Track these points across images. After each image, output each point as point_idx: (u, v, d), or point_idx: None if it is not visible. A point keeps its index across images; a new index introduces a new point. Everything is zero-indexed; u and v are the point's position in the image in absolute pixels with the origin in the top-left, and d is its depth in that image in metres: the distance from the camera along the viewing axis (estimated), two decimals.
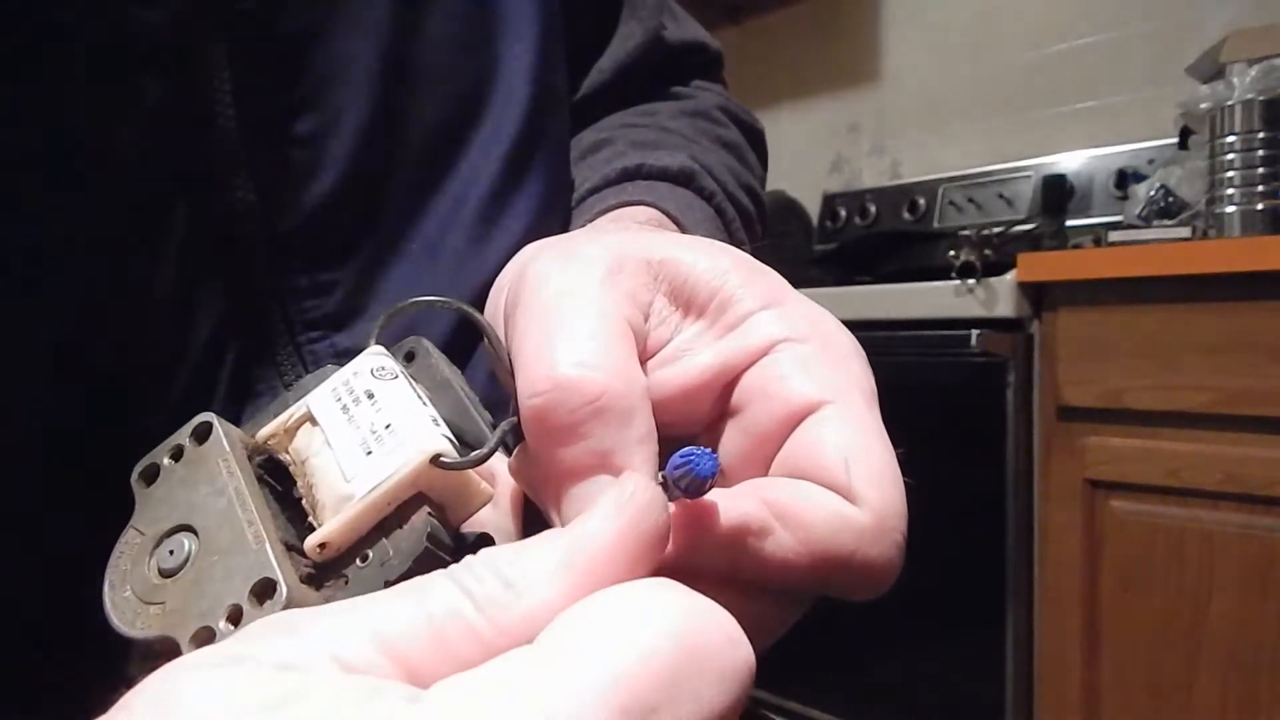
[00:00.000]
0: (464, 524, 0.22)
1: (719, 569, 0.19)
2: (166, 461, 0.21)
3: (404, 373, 0.23)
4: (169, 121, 0.30)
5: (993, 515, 1.24)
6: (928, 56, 1.99)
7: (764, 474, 0.21)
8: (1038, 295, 1.21)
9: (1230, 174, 1.19)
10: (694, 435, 0.23)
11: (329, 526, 0.19)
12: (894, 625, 1.35)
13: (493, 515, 0.25)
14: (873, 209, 2.00)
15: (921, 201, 1.90)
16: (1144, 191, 1.35)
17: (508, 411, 0.22)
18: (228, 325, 0.32)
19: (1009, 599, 1.24)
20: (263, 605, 0.18)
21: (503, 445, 0.21)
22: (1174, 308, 1.09)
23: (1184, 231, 1.24)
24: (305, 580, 0.19)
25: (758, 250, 0.41)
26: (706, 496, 0.18)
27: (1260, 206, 1.17)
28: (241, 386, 0.32)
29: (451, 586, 0.15)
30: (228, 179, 0.31)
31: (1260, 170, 1.17)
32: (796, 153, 2.21)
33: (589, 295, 0.21)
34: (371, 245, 0.35)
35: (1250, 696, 1.06)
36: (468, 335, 0.37)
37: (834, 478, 0.19)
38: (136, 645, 0.18)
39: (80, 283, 0.29)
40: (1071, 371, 1.18)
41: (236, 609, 0.18)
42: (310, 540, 0.19)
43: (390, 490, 0.19)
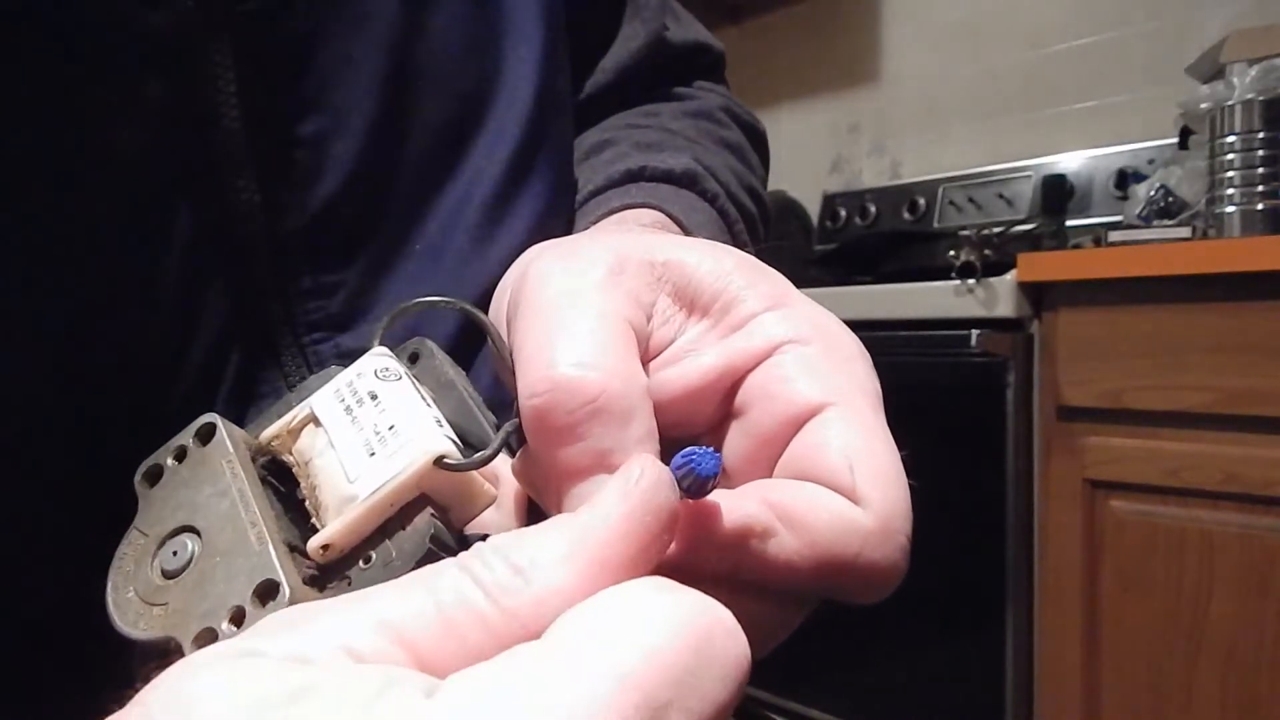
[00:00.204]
0: (467, 526, 0.22)
1: (722, 570, 0.19)
2: (170, 462, 0.21)
3: (408, 374, 0.23)
4: (173, 122, 0.30)
5: (993, 515, 1.24)
6: (928, 56, 1.99)
7: (768, 476, 0.21)
8: (1038, 295, 1.21)
9: (1230, 174, 1.19)
10: (697, 436, 0.23)
11: (332, 528, 0.19)
12: (894, 625, 1.35)
13: (496, 517, 0.25)
14: (873, 209, 2.00)
15: (921, 201, 1.90)
16: (1144, 191, 1.35)
17: (512, 413, 0.22)
18: (231, 326, 0.32)
19: (1009, 599, 1.24)
20: (265, 606, 0.18)
21: (506, 447, 0.21)
22: (1174, 308, 1.09)
23: (1184, 231, 1.24)
24: (308, 582, 0.19)
25: (759, 251, 0.40)
26: (709, 497, 0.18)
27: (1260, 206, 1.17)
28: (245, 388, 0.32)
29: (461, 574, 0.15)
30: (232, 180, 0.31)
31: (1260, 170, 1.17)
32: (796, 153, 2.21)
33: (589, 295, 0.21)
34: (375, 246, 0.35)
35: (1250, 696, 1.06)
36: (472, 337, 0.37)
37: (838, 479, 0.19)
38: (139, 646, 0.18)
39: (83, 283, 0.29)
40: (1071, 371, 1.18)
41: (239, 610, 0.18)
42: (313, 542, 0.19)
43: (393, 492, 0.19)
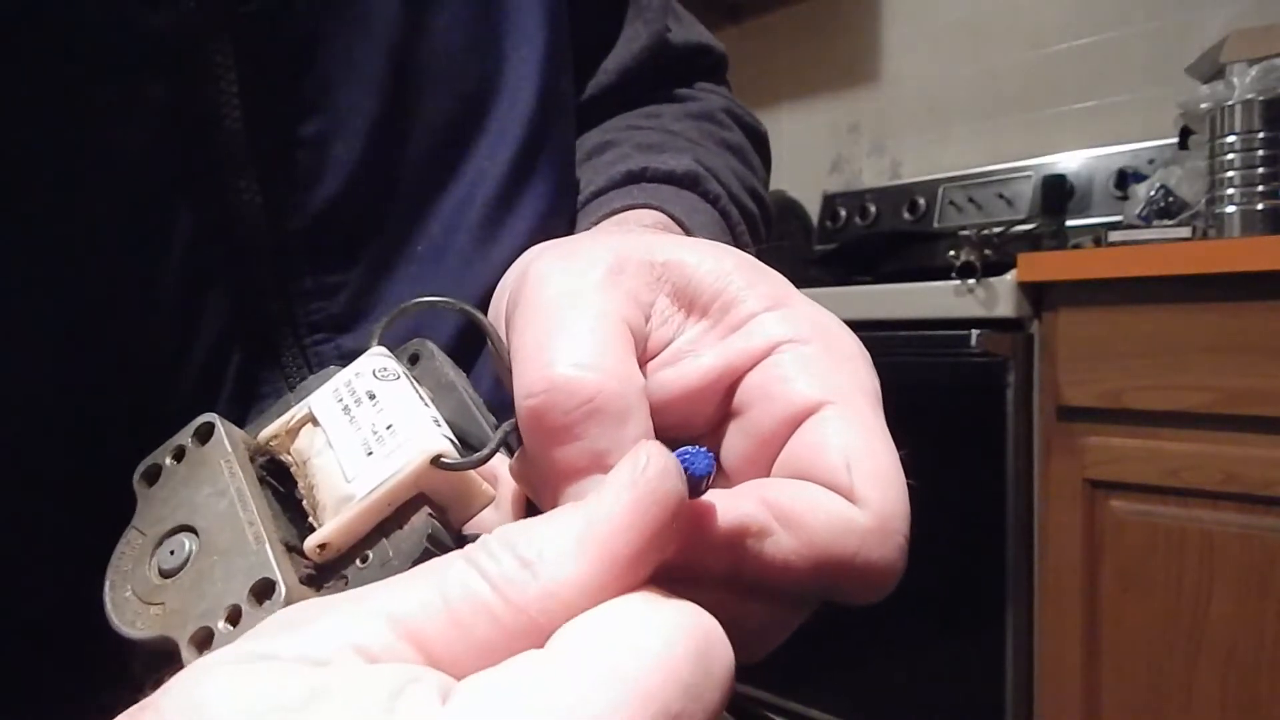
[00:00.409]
0: (466, 525, 0.22)
1: (719, 571, 0.19)
2: (168, 462, 0.21)
3: (406, 374, 0.23)
4: (174, 122, 0.30)
5: (993, 515, 1.24)
6: (928, 56, 1.99)
7: (767, 475, 0.21)
8: (1038, 295, 1.21)
9: (1230, 174, 1.19)
10: (697, 437, 0.23)
11: (329, 527, 0.19)
12: (894, 625, 1.35)
13: (495, 517, 0.25)
14: (873, 209, 2.00)
15: (921, 201, 1.90)
16: (1144, 191, 1.35)
17: (512, 414, 0.22)
18: (233, 327, 0.32)
19: (1009, 599, 1.24)
20: (262, 605, 0.18)
21: (505, 446, 0.21)
22: (1174, 308, 1.09)
23: (1184, 231, 1.24)
24: (305, 581, 0.19)
25: (759, 252, 0.41)
26: (705, 497, 0.18)
27: (1260, 206, 1.17)
28: (247, 388, 0.32)
29: (467, 567, 0.15)
30: (233, 180, 0.31)
31: (1260, 170, 1.17)
32: (796, 153, 2.21)
33: (588, 295, 0.21)
34: (377, 247, 0.35)
35: (1250, 696, 1.06)
36: (473, 338, 0.37)
37: (836, 479, 0.19)
38: (138, 646, 0.18)
39: (83, 283, 0.29)
40: (1071, 371, 1.18)
41: (236, 609, 0.18)
42: (310, 541, 0.19)
43: (390, 491, 0.19)
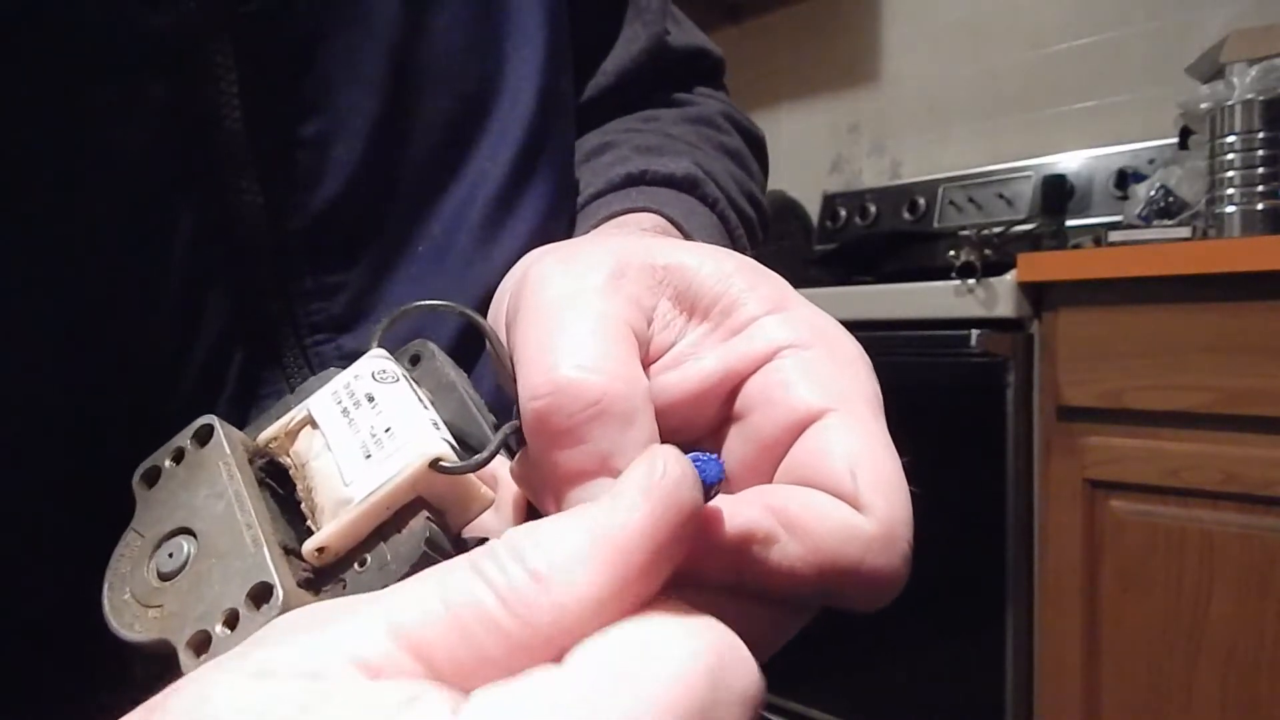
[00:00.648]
0: (465, 529, 0.22)
1: (723, 577, 0.19)
2: (168, 464, 0.21)
3: (406, 376, 0.23)
4: (174, 122, 0.30)
5: (993, 515, 1.24)
6: (928, 56, 1.99)
7: (768, 481, 0.21)
8: (1038, 295, 1.21)
9: (1230, 174, 1.19)
10: (697, 441, 0.23)
11: (327, 530, 0.19)
12: (894, 625, 1.35)
13: (495, 520, 0.25)
14: (873, 209, 2.00)
15: (921, 201, 1.90)
16: (1144, 191, 1.35)
17: (513, 415, 0.22)
18: (233, 327, 0.32)
19: (1009, 599, 1.24)
20: (259, 610, 0.18)
21: (505, 449, 0.21)
22: (1174, 308, 1.09)
23: (1184, 231, 1.24)
24: (303, 584, 0.19)
25: (757, 255, 0.40)
26: (711, 503, 0.18)
27: (1260, 206, 1.17)
28: (247, 388, 0.32)
29: (474, 577, 0.14)
30: (233, 180, 0.31)
31: (1260, 170, 1.17)
32: (796, 153, 2.20)
33: (590, 299, 0.21)
34: (378, 248, 0.35)
35: (1250, 696, 1.06)
36: (474, 339, 0.36)
37: (841, 486, 0.19)
38: (136, 649, 0.18)
39: (84, 283, 0.29)
40: (1071, 371, 1.18)
41: (233, 613, 0.18)
42: (308, 544, 0.19)
43: (388, 494, 0.19)
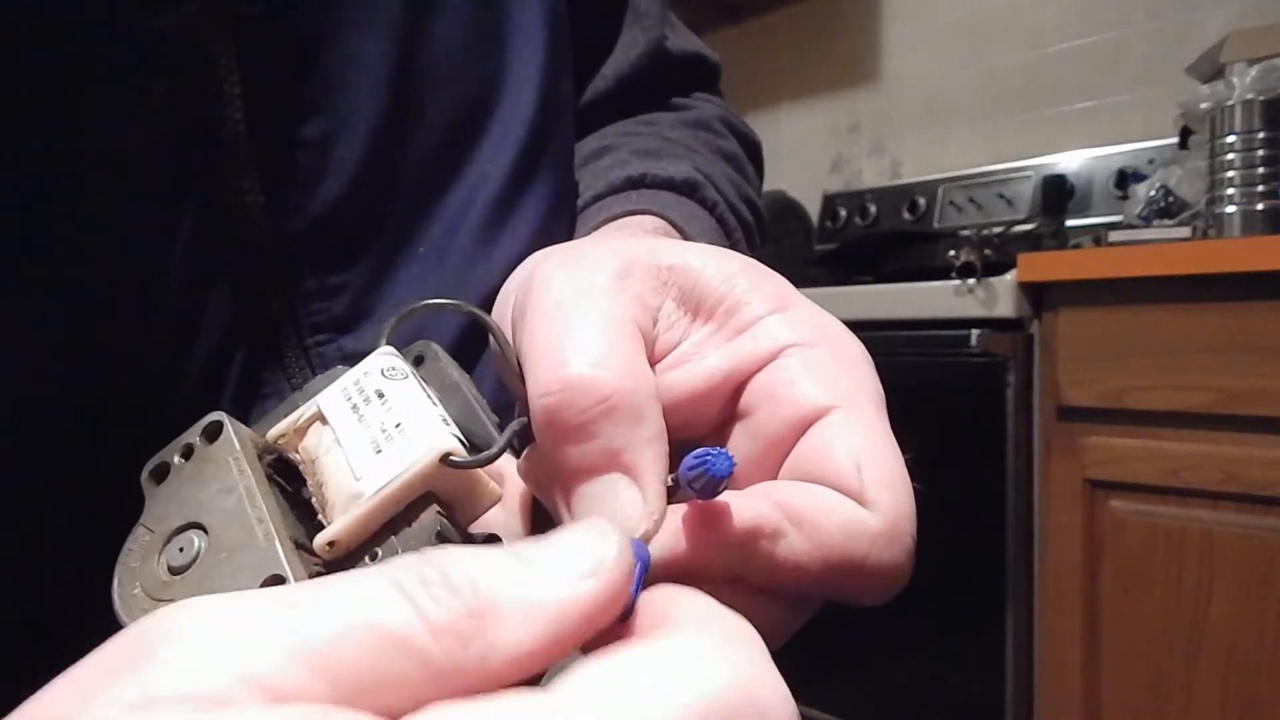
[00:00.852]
0: (473, 524, 0.22)
1: (730, 570, 0.19)
2: (177, 460, 0.21)
3: (414, 373, 0.23)
4: (176, 123, 0.30)
5: (993, 515, 1.24)
6: (928, 56, 1.99)
7: (773, 478, 0.21)
8: (1038, 295, 1.21)
9: (1230, 174, 1.20)
10: (702, 439, 0.23)
11: (338, 524, 0.19)
12: (894, 625, 1.35)
13: (501, 516, 0.25)
14: (873, 209, 2.00)
15: (921, 201, 1.90)
16: (1144, 191, 1.35)
17: (515, 415, 0.22)
18: (235, 327, 0.32)
19: (1009, 599, 1.24)
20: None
21: (510, 446, 0.21)
22: (1174, 308, 1.10)
23: (1184, 231, 1.24)
24: (314, 578, 0.19)
25: (758, 258, 0.41)
26: (718, 498, 0.19)
27: (1260, 206, 1.17)
28: (248, 388, 0.32)
29: (403, 603, 0.13)
30: (235, 181, 0.31)
31: (1260, 170, 1.17)
32: (796, 153, 2.20)
33: (598, 298, 0.21)
34: (379, 248, 0.35)
35: (1250, 696, 1.06)
36: (474, 340, 0.37)
37: (846, 482, 0.19)
38: None
39: (86, 282, 0.29)
40: (1071, 371, 1.18)
41: None
42: (320, 538, 0.19)
43: (400, 488, 0.20)
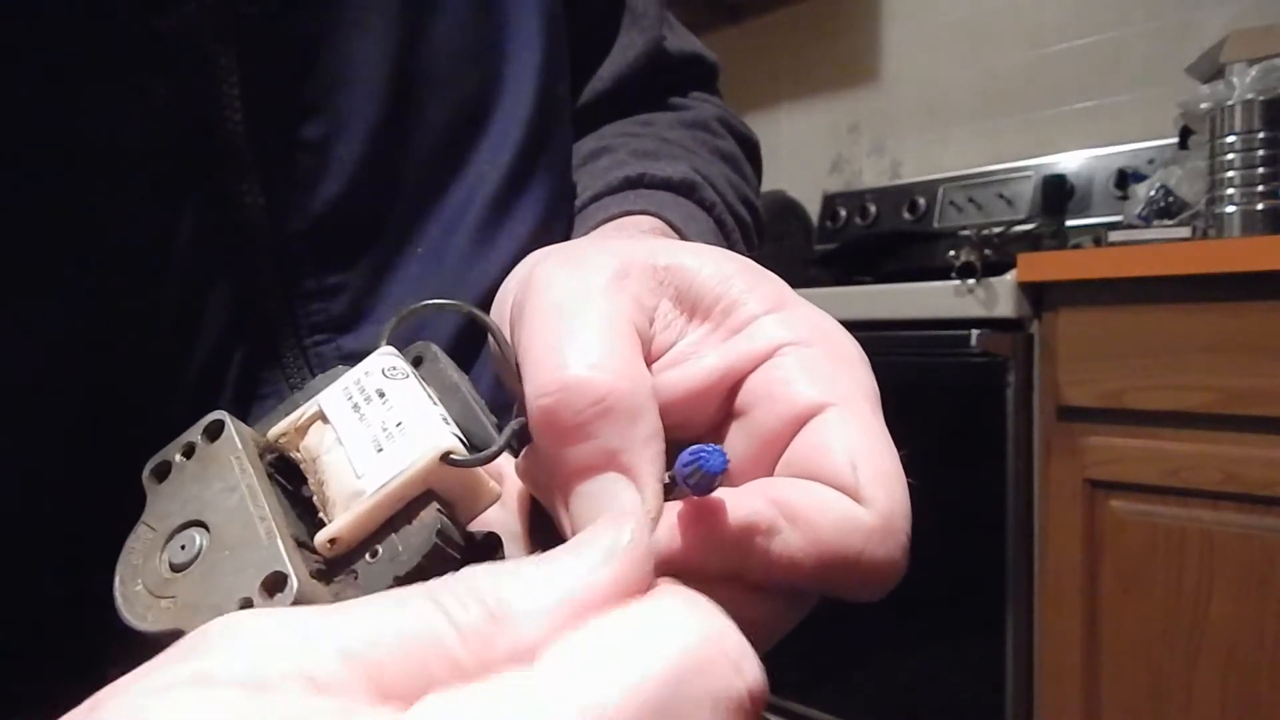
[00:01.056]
0: (472, 522, 0.22)
1: (725, 567, 0.19)
2: (178, 458, 0.21)
3: (414, 373, 0.23)
4: (177, 124, 0.30)
5: (993, 515, 1.24)
6: (928, 56, 2.00)
7: (769, 475, 0.21)
8: (1038, 295, 1.21)
9: (1230, 174, 1.20)
10: (699, 437, 0.23)
11: (339, 522, 0.20)
12: (894, 625, 1.36)
13: (500, 514, 0.25)
14: (873, 209, 2.00)
15: (921, 201, 1.90)
16: (1144, 191, 1.35)
17: (514, 415, 0.22)
18: (235, 327, 0.32)
19: (1009, 599, 1.24)
20: (273, 598, 0.18)
21: (509, 445, 0.22)
22: (1174, 308, 1.10)
23: (1184, 231, 1.24)
24: (315, 575, 0.19)
25: (753, 257, 0.41)
26: (714, 495, 0.19)
27: (1260, 206, 1.17)
28: (247, 388, 0.32)
29: (435, 612, 0.14)
30: (235, 182, 0.31)
31: (1260, 170, 1.17)
32: (796, 153, 2.21)
33: (595, 299, 0.22)
34: (378, 249, 0.35)
35: (1250, 696, 1.06)
36: (473, 339, 0.37)
37: (841, 479, 0.20)
38: (148, 639, 0.19)
39: (88, 283, 0.29)
40: (1071, 371, 1.18)
41: (247, 602, 0.18)
42: (321, 535, 0.20)
43: (401, 486, 0.20)
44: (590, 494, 0.20)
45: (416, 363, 0.25)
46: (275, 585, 0.18)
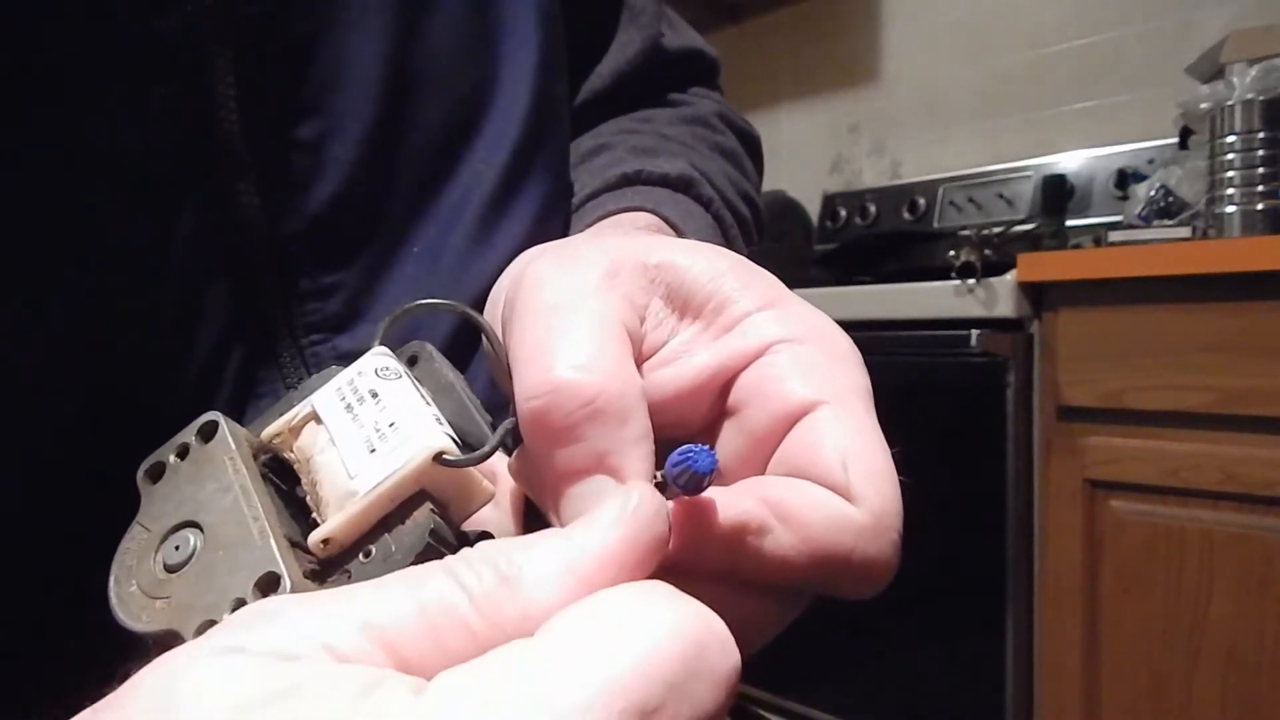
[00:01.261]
0: (466, 522, 0.22)
1: (717, 566, 0.19)
2: (172, 459, 0.22)
3: (407, 373, 0.23)
4: (174, 125, 0.30)
5: (993, 515, 1.24)
6: (928, 56, 1.99)
7: (761, 473, 0.21)
8: (1038, 295, 1.21)
9: (1230, 174, 1.19)
10: (691, 436, 0.23)
11: (333, 522, 0.20)
12: (894, 625, 1.36)
13: (493, 514, 0.25)
14: (873, 209, 2.00)
15: (921, 201, 1.90)
16: (1144, 191, 1.35)
17: (508, 415, 0.22)
18: (232, 327, 0.32)
19: (1009, 599, 1.24)
20: (267, 599, 0.18)
21: (503, 445, 0.22)
22: (1174, 308, 1.10)
23: (1184, 231, 1.24)
24: (309, 575, 0.19)
25: (755, 254, 0.41)
26: (705, 494, 0.19)
27: (1260, 206, 1.17)
28: (244, 388, 0.32)
29: (448, 579, 0.15)
30: (231, 182, 0.31)
31: (1260, 170, 1.17)
32: (796, 153, 2.21)
33: (586, 299, 0.21)
34: (374, 248, 0.35)
35: (1250, 696, 1.06)
36: (468, 339, 0.37)
37: (832, 477, 0.20)
38: (142, 640, 0.19)
39: (86, 283, 0.29)
40: (1071, 371, 1.18)
41: (241, 603, 0.18)
42: (314, 536, 0.20)
43: (394, 487, 0.20)
44: (580, 496, 0.20)
45: (412, 362, 0.25)
46: (269, 586, 0.18)
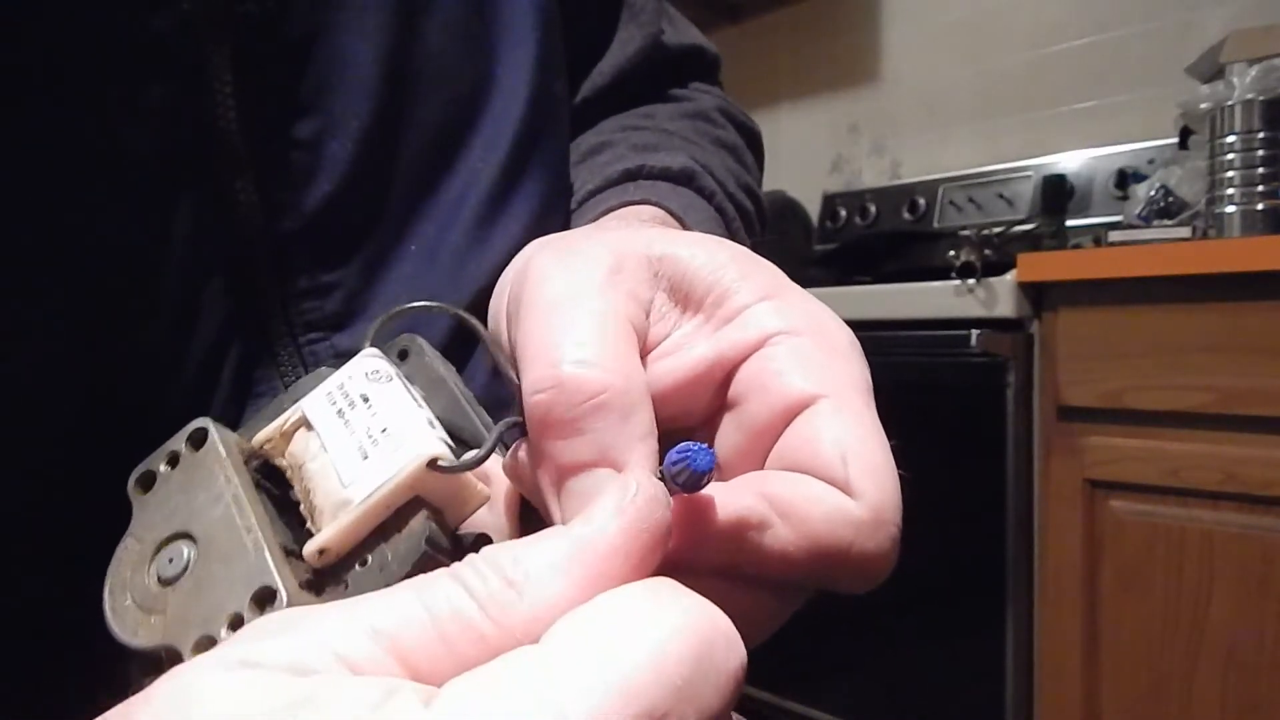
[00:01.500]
0: (462, 525, 0.22)
1: (717, 563, 0.19)
2: (163, 468, 0.21)
3: (398, 375, 0.23)
4: (172, 123, 0.30)
5: (993, 515, 1.24)
6: (928, 56, 1.99)
7: (760, 467, 0.21)
8: (1038, 295, 1.21)
9: (1230, 174, 1.19)
10: (691, 428, 0.23)
11: (328, 532, 0.19)
12: (894, 625, 1.35)
13: (490, 516, 0.25)
14: (873, 209, 2.00)
15: (921, 201, 1.90)
16: (1144, 191, 1.35)
17: (506, 411, 0.22)
18: (230, 326, 0.32)
19: (1009, 599, 1.24)
20: (263, 613, 0.18)
21: (500, 445, 0.21)
22: (1174, 308, 1.09)
23: (1184, 231, 1.23)
24: (305, 586, 0.19)
25: (758, 248, 0.41)
26: (704, 491, 0.19)
27: (1260, 206, 1.17)
28: (242, 387, 0.32)
29: (454, 585, 0.15)
30: (229, 181, 0.31)
31: (1260, 170, 1.17)
32: (796, 153, 2.20)
33: (591, 294, 0.21)
34: (372, 247, 0.35)
35: (1250, 696, 1.06)
36: (465, 337, 0.37)
37: (831, 472, 0.19)
38: (137, 655, 0.18)
39: (84, 282, 0.29)
40: (1071, 371, 1.18)
41: (238, 617, 0.18)
42: (310, 546, 0.19)
43: (388, 495, 0.20)
44: (582, 490, 0.20)
45: (402, 356, 0.25)
46: (265, 599, 0.18)
